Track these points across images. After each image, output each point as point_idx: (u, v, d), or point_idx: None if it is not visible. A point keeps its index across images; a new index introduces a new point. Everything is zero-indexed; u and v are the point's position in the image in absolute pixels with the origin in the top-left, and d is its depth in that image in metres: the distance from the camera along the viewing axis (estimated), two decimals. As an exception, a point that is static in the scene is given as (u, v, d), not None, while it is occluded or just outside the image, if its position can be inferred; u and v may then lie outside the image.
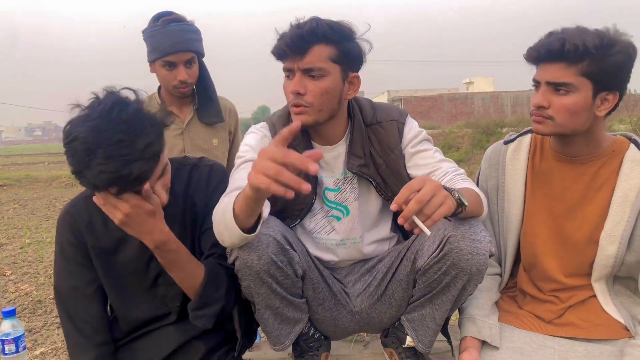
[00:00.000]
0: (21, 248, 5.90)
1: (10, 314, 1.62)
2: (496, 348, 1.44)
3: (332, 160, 1.57)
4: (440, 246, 1.38)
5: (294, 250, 1.45)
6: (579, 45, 1.31)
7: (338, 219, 1.61)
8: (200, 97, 2.20)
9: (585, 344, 1.43)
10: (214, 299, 1.38)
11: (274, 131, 1.56)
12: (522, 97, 31.03)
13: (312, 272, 1.55)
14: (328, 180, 1.59)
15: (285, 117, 1.58)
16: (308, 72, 1.41)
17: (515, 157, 1.59)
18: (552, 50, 1.36)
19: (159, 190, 1.30)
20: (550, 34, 1.39)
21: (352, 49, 1.44)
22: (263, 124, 1.63)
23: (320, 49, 1.40)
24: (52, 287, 1.52)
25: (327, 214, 1.61)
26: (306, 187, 0.99)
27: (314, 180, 1.55)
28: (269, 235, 1.38)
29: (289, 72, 1.45)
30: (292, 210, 1.56)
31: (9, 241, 6.33)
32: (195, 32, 2.07)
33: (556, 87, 1.37)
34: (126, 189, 1.19)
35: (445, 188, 1.20)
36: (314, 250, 1.64)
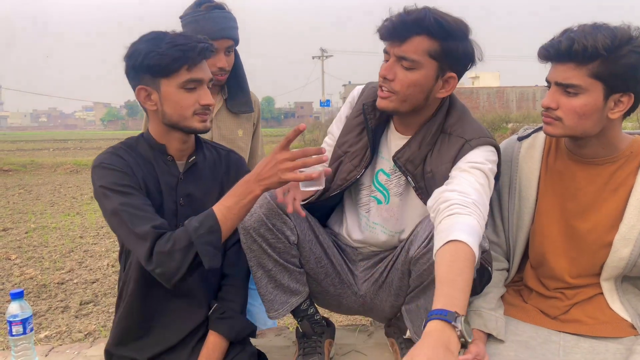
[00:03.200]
0: (26, 233, 5.94)
1: (18, 296, 1.62)
2: (501, 341, 1.44)
3: (395, 147, 1.57)
4: (429, 237, 1.38)
5: (287, 217, 1.50)
6: (587, 46, 1.26)
7: (379, 202, 1.62)
8: (231, 86, 2.18)
9: (591, 341, 1.43)
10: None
11: (361, 95, 1.64)
12: (528, 93, 30.86)
13: (313, 246, 1.58)
14: (386, 163, 1.60)
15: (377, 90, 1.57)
16: (401, 60, 1.40)
17: (529, 155, 1.56)
18: (560, 51, 1.31)
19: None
20: (564, 32, 1.34)
21: (457, 49, 1.39)
22: (362, 86, 1.67)
23: (420, 40, 1.38)
24: (57, 272, 1.55)
25: (370, 192, 1.63)
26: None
27: (369, 157, 1.57)
28: (266, 197, 1.48)
29: (387, 55, 1.45)
30: (337, 180, 1.61)
31: (14, 226, 6.36)
32: (235, 20, 2.07)
33: (565, 88, 1.33)
34: (195, 60, 1.38)
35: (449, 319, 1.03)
36: (351, 223, 1.67)
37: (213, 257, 1.29)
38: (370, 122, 1.55)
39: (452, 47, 1.39)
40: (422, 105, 1.47)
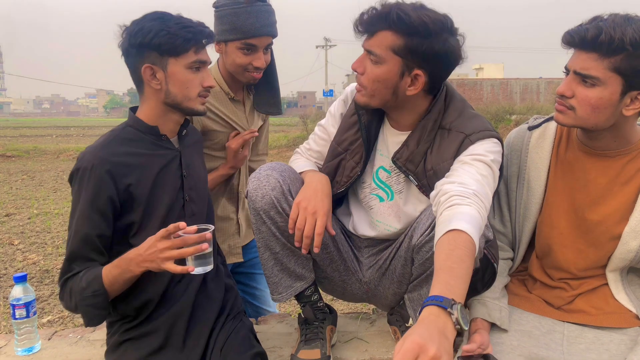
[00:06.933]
0: (29, 218, 5.96)
1: (21, 279, 1.63)
2: (505, 331, 1.44)
3: (393, 144, 1.56)
4: (431, 225, 1.38)
5: None
6: (614, 38, 1.22)
7: (381, 199, 1.62)
8: (259, 84, 1.99)
9: (595, 331, 1.43)
10: None
11: (354, 92, 1.59)
12: (532, 85, 30.75)
13: None
14: (385, 160, 1.59)
15: None
16: (369, 54, 1.41)
17: (539, 145, 1.54)
18: (585, 39, 1.27)
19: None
20: (593, 19, 1.30)
21: (423, 46, 1.34)
22: (355, 84, 1.63)
23: (384, 35, 1.37)
24: (59, 257, 1.57)
25: (372, 191, 1.63)
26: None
27: (366, 155, 1.57)
28: (278, 180, 1.50)
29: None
30: (341, 177, 1.62)
31: (17, 211, 6.39)
32: (275, 14, 1.91)
33: (583, 78, 1.30)
34: (204, 42, 1.42)
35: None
36: (357, 219, 1.68)
37: (94, 318, 1.37)
38: (363, 117, 1.55)
39: (419, 43, 1.34)
40: (393, 101, 1.45)
